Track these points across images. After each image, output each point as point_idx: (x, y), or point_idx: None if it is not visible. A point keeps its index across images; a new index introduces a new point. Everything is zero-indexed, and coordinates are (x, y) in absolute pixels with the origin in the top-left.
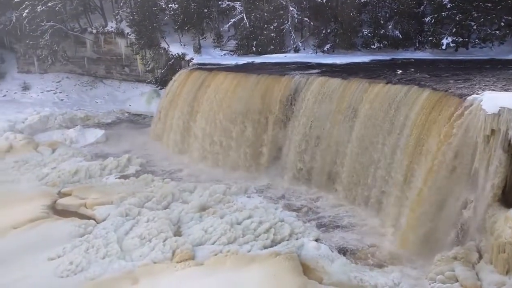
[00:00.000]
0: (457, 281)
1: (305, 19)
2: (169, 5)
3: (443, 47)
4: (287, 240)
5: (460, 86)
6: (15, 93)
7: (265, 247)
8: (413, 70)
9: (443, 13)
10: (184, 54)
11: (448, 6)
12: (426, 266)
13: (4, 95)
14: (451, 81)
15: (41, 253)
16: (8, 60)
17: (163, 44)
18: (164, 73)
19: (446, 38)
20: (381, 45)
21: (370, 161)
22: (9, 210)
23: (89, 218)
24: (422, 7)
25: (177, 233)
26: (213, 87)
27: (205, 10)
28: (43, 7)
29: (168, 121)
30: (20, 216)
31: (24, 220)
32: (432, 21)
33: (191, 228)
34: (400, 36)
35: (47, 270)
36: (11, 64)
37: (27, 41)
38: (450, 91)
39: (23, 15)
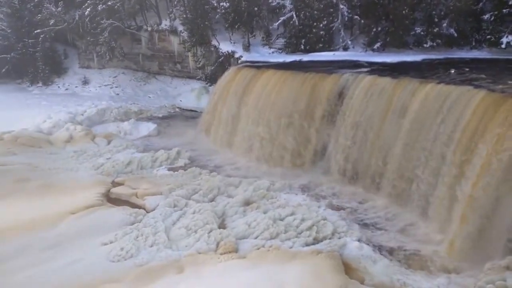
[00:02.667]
0: None
1: (355, 16)
2: (221, 4)
3: (503, 46)
4: (330, 238)
5: None
6: (76, 87)
7: (307, 245)
8: (468, 70)
9: (504, 10)
10: (233, 52)
11: (510, 2)
12: (475, 274)
13: (67, 89)
14: (510, 82)
15: (95, 238)
16: (70, 56)
17: (214, 42)
18: (213, 70)
19: (507, 37)
20: (434, 43)
21: (419, 162)
22: (68, 197)
23: (139, 207)
24: (481, 3)
25: (222, 226)
26: (261, 84)
27: (256, 9)
28: (104, 6)
29: (216, 117)
30: (77, 202)
31: (81, 207)
32: (492, 19)
33: (235, 222)
34: (455, 34)
35: (100, 254)
36: (73, 60)
37: (88, 38)
38: (509, 92)
39: (85, 13)
